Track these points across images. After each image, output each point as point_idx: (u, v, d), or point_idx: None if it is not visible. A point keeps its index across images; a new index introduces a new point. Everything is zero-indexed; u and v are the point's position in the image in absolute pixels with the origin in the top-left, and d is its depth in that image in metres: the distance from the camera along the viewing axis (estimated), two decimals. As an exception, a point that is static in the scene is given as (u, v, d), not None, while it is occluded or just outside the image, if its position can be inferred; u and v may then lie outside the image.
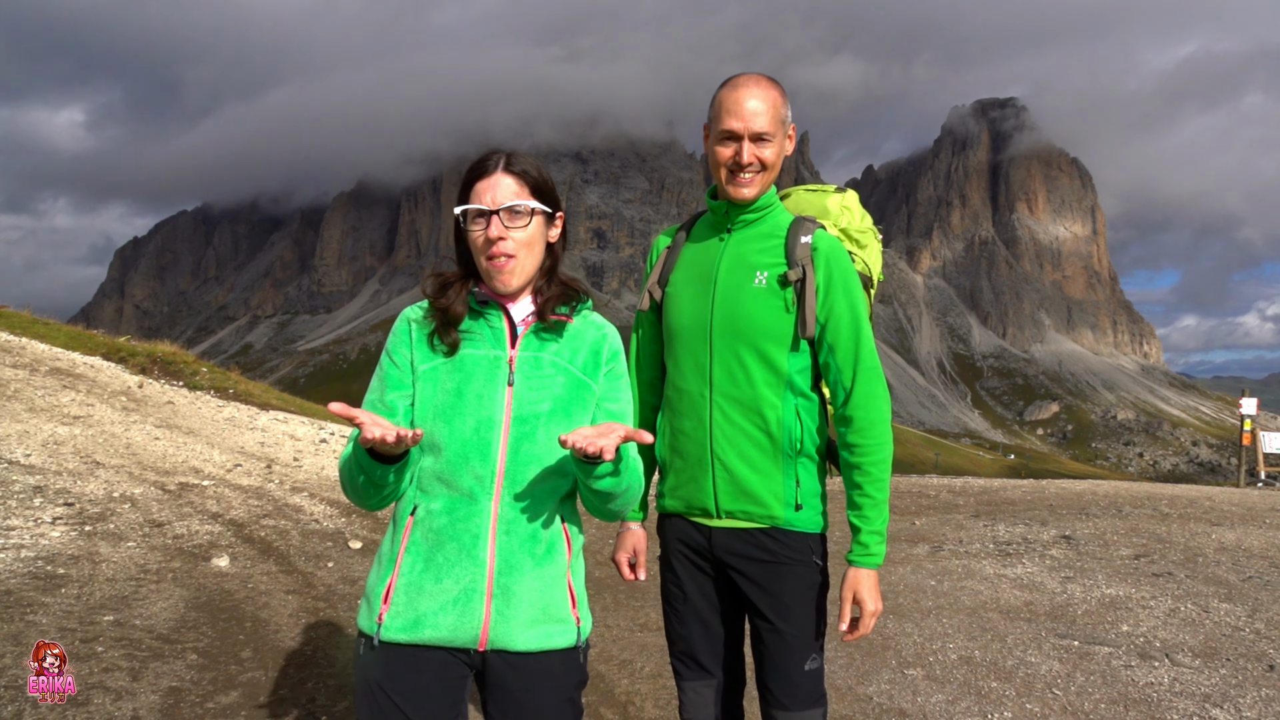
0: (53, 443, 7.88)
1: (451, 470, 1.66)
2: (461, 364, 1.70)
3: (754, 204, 2.13)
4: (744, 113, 2.04)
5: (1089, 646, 4.57)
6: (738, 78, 2.10)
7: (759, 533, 2.09)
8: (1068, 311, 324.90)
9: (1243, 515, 8.70)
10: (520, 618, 1.66)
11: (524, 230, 1.70)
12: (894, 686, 4.02)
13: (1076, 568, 6.40)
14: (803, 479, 2.10)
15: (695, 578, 2.18)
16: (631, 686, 3.98)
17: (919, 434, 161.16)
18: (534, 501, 1.69)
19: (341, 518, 7.19)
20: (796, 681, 2.08)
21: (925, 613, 5.27)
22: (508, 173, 1.71)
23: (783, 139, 2.10)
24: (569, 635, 1.73)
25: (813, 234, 2.09)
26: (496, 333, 1.73)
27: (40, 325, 14.88)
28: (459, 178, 1.79)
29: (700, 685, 2.19)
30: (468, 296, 1.76)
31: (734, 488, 2.08)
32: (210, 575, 5.18)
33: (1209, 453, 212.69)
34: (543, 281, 1.79)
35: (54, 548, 5.15)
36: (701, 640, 2.18)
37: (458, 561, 1.64)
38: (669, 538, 2.23)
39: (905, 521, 8.69)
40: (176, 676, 3.64)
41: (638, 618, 5.07)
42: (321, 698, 3.60)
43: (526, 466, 1.67)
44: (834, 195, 2.33)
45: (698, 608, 2.18)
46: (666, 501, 2.22)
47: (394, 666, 1.66)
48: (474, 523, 1.65)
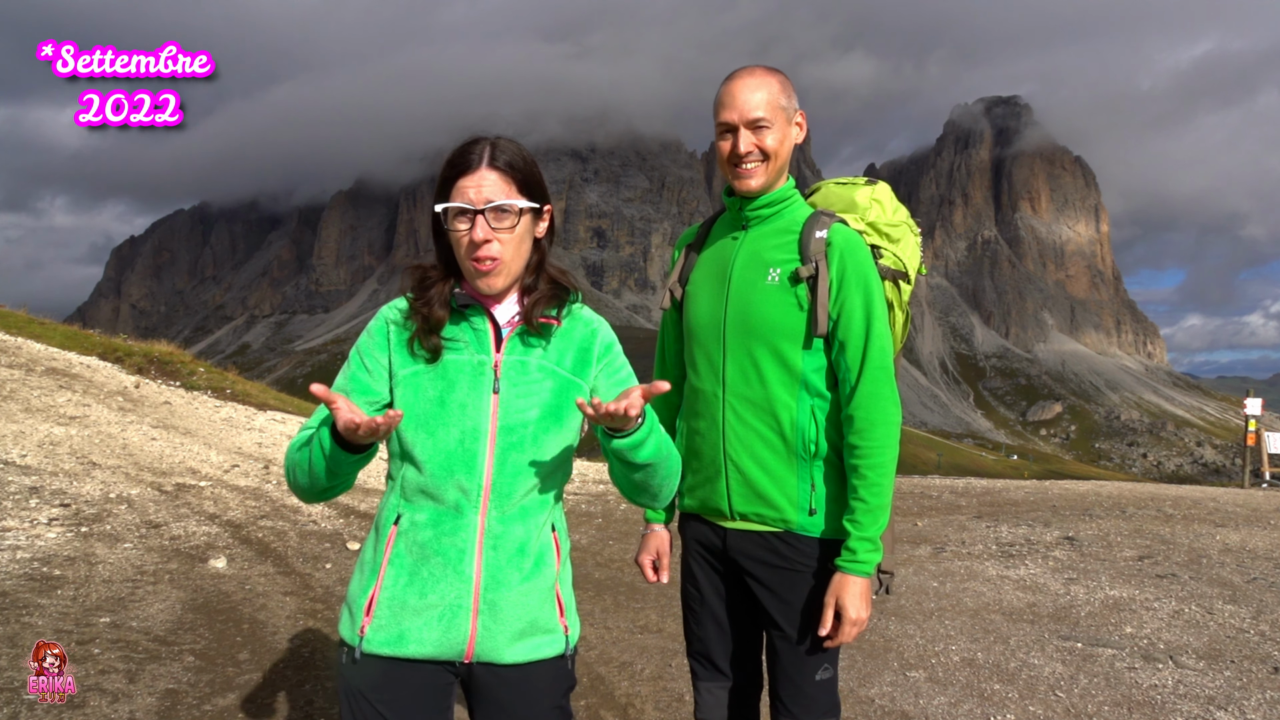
0: (49, 443, 7.87)
1: (435, 483, 1.58)
2: (444, 371, 1.60)
3: (767, 198, 2.08)
4: (737, 102, 2.00)
5: (1092, 648, 4.55)
6: (734, 71, 2.07)
7: (772, 536, 2.06)
8: (1071, 311, 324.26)
9: (1247, 516, 8.67)
10: (507, 632, 1.61)
11: (511, 231, 1.58)
12: (896, 689, 4.00)
13: (1080, 569, 6.37)
14: (818, 482, 2.04)
15: (711, 579, 2.17)
16: (631, 689, 3.96)
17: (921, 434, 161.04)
18: (521, 513, 1.62)
19: (339, 519, 7.17)
20: (808, 691, 2.05)
21: (927, 614, 5.24)
22: (492, 168, 1.57)
23: (785, 126, 2.05)
24: (557, 645, 1.68)
25: (828, 228, 2.04)
26: (480, 336, 1.63)
27: (36, 325, 14.88)
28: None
29: (715, 686, 2.17)
30: (449, 298, 1.65)
31: (746, 489, 2.06)
32: (207, 577, 5.16)
33: (1213, 453, 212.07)
34: (530, 279, 1.68)
35: (50, 549, 5.14)
36: (717, 642, 2.17)
37: (443, 577, 1.58)
38: (687, 538, 2.23)
39: (907, 523, 8.67)
40: (173, 678, 3.63)
41: (638, 619, 5.04)
42: (319, 700, 3.59)
43: (514, 478, 1.60)
44: (864, 188, 2.26)
45: (714, 609, 2.17)
46: (685, 501, 2.22)
47: (377, 679, 1.61)
48: (460, 537, 1.58)
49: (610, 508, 9.13)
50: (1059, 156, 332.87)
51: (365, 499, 8.29)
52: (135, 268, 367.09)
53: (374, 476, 9.58)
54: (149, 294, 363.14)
